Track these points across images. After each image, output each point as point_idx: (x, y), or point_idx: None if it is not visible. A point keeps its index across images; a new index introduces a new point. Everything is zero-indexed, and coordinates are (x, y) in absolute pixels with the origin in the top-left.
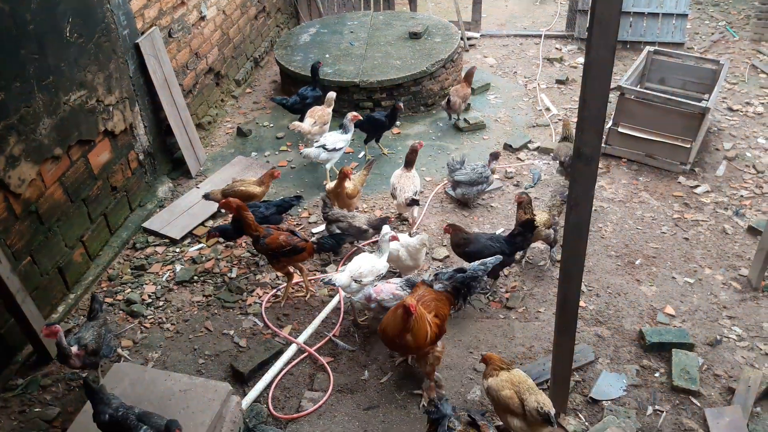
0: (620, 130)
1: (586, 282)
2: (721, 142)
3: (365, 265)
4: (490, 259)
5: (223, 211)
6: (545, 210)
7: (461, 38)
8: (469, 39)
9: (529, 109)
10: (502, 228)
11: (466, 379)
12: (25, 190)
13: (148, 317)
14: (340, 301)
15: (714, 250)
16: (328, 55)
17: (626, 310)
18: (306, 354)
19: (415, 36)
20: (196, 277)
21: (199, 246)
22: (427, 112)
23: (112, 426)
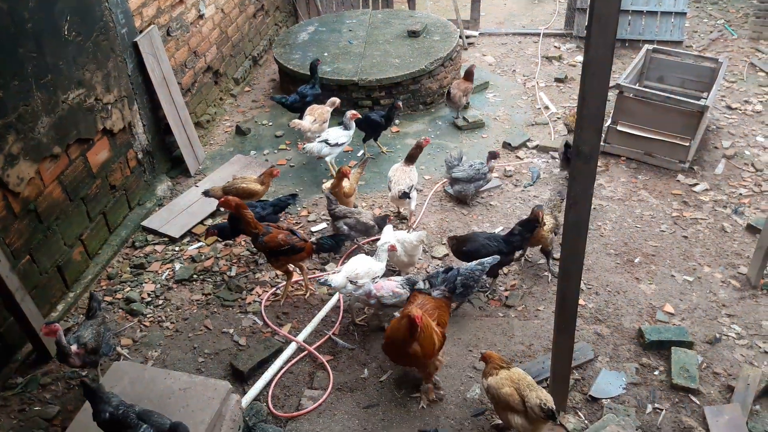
0: (619, 128)
1: (586, 280)
2: (719, 140)
3: (362, 266)
4: (488, 258)
5: (222, 209)
6: (548, 213)
7: (460, 36)
8: (467, 37)
9: (528, 108)
10: (501, 227)
11: (466, 378)
12: (24, 188)
13: (148, 316)
14: (339, 300)
15: (713, 248)
16: (326, 54)
17: (625, 308)
18: (306, 352)
19: (413, 34)
20: (195, 276)
21: (199, 244)
22: (426, 110)
23: (113, 424)
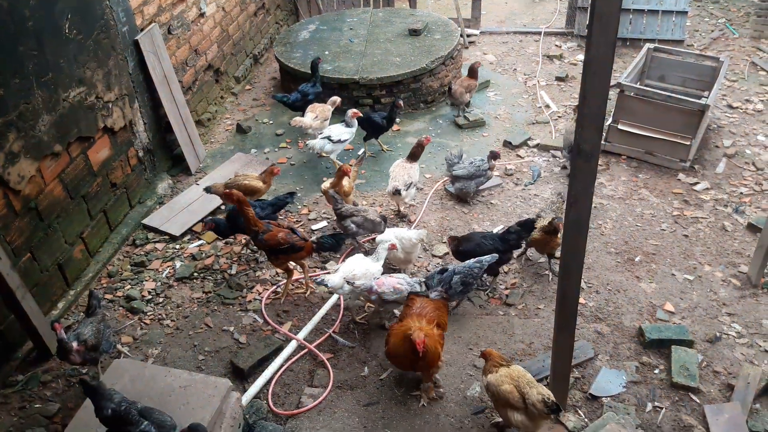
0: (620, 127)
1: (586, 279)
2: (720, 139)
3: (359, 267)
4: (487, 257)
5: (223, 207)
6: (553, 216)
7: (461, 35)
8: (468, 36)
9: (529, 107)
10: (502, 225)
11: (466, 376)
12: (25, 186)
13: (148, 314)
14: (340, 298)
15: (713, 247)
16: (327, 52)
17: (626, 306)
18: (306, 350)
19: (414, 33)
20: (196, 274)
21: (199, 242)
22: (426, 109)
23: (115, 420)
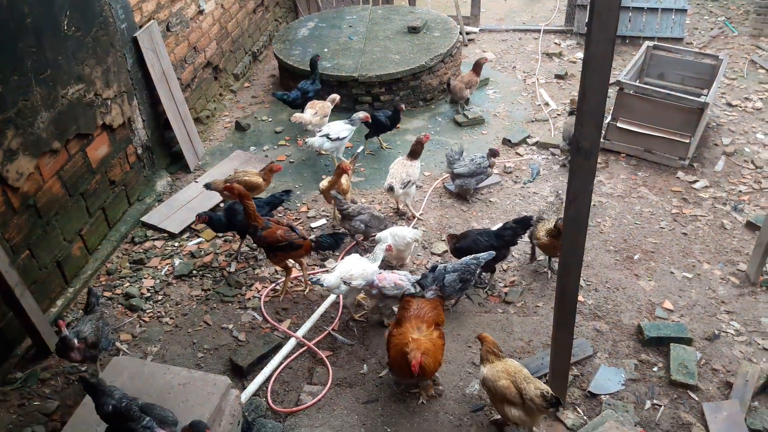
0: (619, 125)
1: (585, 277)
2: (719, 137)
3: (356, 267)
4: (483, 254)
5: (222, 205)
6: (552, 216)
7: (460, 33)
8: (468, 33)
9: (528, 104)
10: (501, 223)
11: (465, 373)
12: (24, 183)
13: (147, 311)
14: (339, 296)
15: (712, 245)
16: (326, 50)
17: (625, 304)
18: (305, 348)
19: (413, 30)
20: (194, 271)
21: (198, 240)
22: (426, 106)
23: (116, 416)
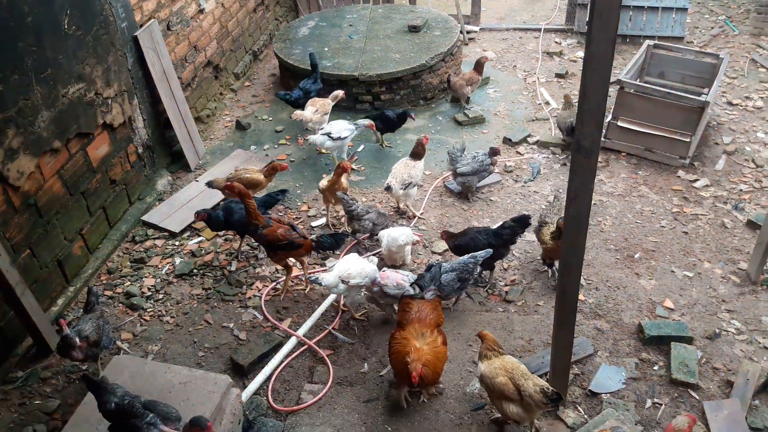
0: (620, 123)
1: (586, 275)
2: (720, 136)
3: (355, 266)
4: (481, 252)
5: (223, 203)
6: (555, 218)
7: (460, 32)
8: (468, 32)
9: (529, 103)
10: (501, 222)
11: (465, 372)
12: (24, 182)
13: (148, 310)
14: (339, 295)
15: (713, 243)
16: (327, 49)
17: (625, 303)
18: (306, 347)
19: (414, 29)
20: (195, 270)
21: (199, 239)
22: (426, 105)
23: (119, 414)
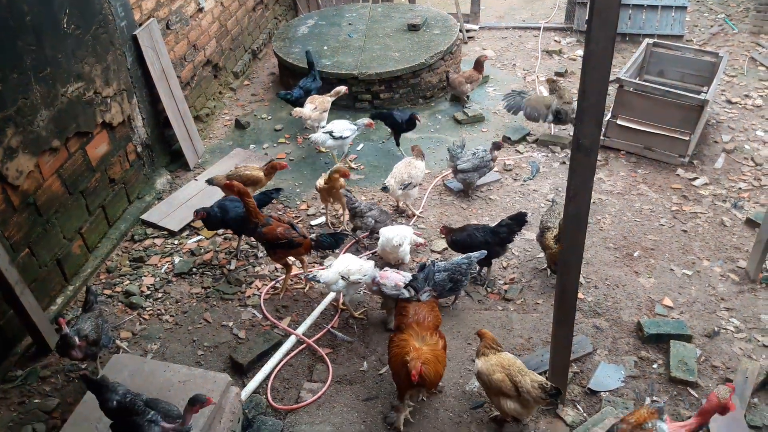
0: (619, 122)
1: (585, 274)
2: (719, 134)
3: (354, 264)
4: (475, 253)
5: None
6: (556, 220)
7: (460, 30)
8: (467, 31)
9: None
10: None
11: (465, 371)
12: (23, 182)
13: (147, 309)
14: (338, 293)
15: (712, 242)
16: (326, 47)
17: (624, 301)
18: (305, 345)
19: (413, 28)
20: (194, 269)
21: (198, 238)
22: (425, 104)
23: (120, 412)
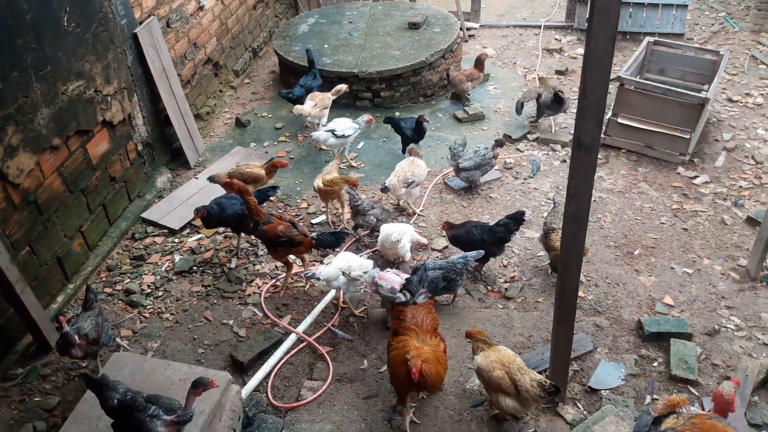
0: (620, 120)
1: (585, 272)
2: (720, 133)
3: (354, 261)
4: (472, 252)
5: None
6: (558, 222)
7: (460, 28)
8: (468, 29)
9: None
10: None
11: (465, 369)
12: (24, 180)
13: (148, 307)
14: (339, 289)
15: (713, 240)
16: (327, 46)
17: (625, 300)
18: (305, 343)
19: (414, 26)
20: (195, 268)
21: (198, 236)
22: (426, 102)
23: (121, 410)
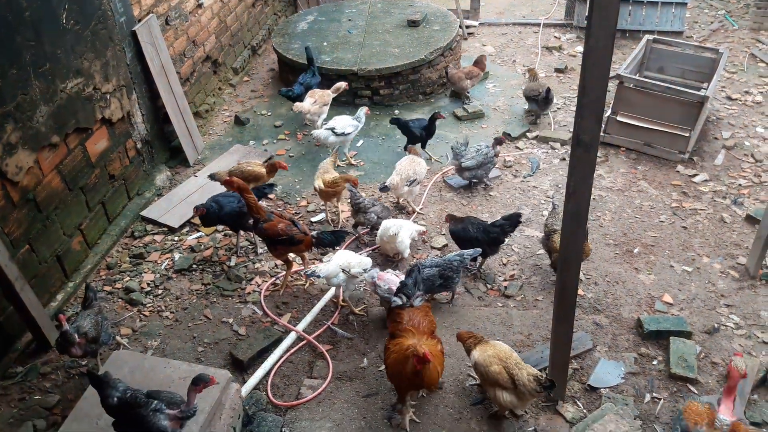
0: (619, 118)
1: (585, 270)
2: (719, 131)
3: (353, 258)
4: (469, 251)
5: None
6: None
7: (460, 26)
8: (467, 27)
9: None
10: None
11: (465, 367)
12: (23, 177)
13: (147, 305)
14: (338, 287)
15: (712, 238)
16: (326, 43)
17: (624, 298)
18: (305, 342)
19: (413, 24)
20: (194, 266)
21: (198, 234)
22: (425, 100)
23: (121, 407)
